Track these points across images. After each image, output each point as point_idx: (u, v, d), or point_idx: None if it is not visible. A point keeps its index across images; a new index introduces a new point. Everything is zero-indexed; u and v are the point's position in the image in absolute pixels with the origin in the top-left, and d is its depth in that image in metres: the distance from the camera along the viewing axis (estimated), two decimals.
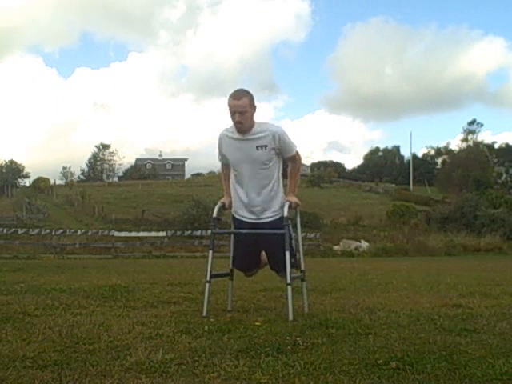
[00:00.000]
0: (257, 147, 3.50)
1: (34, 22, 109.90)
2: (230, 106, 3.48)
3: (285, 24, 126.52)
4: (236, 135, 3.56)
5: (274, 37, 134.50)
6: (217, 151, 3.75)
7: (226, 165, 3.76)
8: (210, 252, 3.67)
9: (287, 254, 3.45)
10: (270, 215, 3.60)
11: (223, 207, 3.78)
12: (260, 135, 3.51)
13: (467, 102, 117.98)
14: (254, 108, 3.53)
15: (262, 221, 3.61)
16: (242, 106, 3.43)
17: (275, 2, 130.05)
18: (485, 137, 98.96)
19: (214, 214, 3.74)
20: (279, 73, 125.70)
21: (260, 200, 3.59)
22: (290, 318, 3.35)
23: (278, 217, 3.60)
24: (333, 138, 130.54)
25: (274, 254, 3.60)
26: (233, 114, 3.47)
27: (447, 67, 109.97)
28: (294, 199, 3.64)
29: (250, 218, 3.64)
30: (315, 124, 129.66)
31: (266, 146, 3.50)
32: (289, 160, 3.68)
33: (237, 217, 3.71)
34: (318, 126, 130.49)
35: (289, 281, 3.43)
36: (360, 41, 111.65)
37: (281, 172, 3.69)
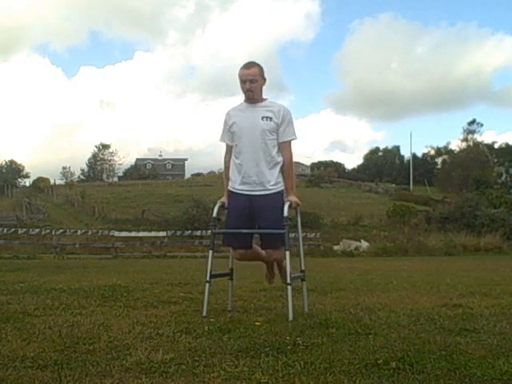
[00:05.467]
0: (262, 117, 3.60)
1: (41, 20, 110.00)
2: (240, 75, 3.62)
3: (294, 24, 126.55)
4: (244, 106, 3.69)
5: (282, 36, 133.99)
6: (219, 136, 3.79)
7: (228, 148, 3.79)
8: (210, 252, 3.68)
9: (287, 253, 3.45)
10: (263, 188, 3.61)
11: (223, 206, 3.79)
12: (268, 108, 3.64)
13: (472, 101, 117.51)
14: (264, 80, 3.68)
15: (256, 193, 3.62)
16: (252, 75, 3.59)
17: (285, 1, 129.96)
18: (488, 136, 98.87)
19: (214, 214, 3.74)
20: (287, 72, 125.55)
21: (256, 170, 3.61)
22: (290, 317, 3.34)
23: (273, 191, 3.62)
24: (336, 137, 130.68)
25: (267, 228, 3.57)
26: (243, 82, 3.60)
27: (455, 66, 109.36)
28: (294, 199, 3.63)
29: (244, 190, 3.65)
30: (319, 123, 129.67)
31: (271, 118, 3.60)
32: (283, 149, 3.68)
33: (232, 190, 3.73)
34: (322, 125, 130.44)
35: (289, 281, 3.43)
36: (367, 37, 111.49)
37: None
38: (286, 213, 3.52)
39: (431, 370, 2.18)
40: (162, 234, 21.18)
